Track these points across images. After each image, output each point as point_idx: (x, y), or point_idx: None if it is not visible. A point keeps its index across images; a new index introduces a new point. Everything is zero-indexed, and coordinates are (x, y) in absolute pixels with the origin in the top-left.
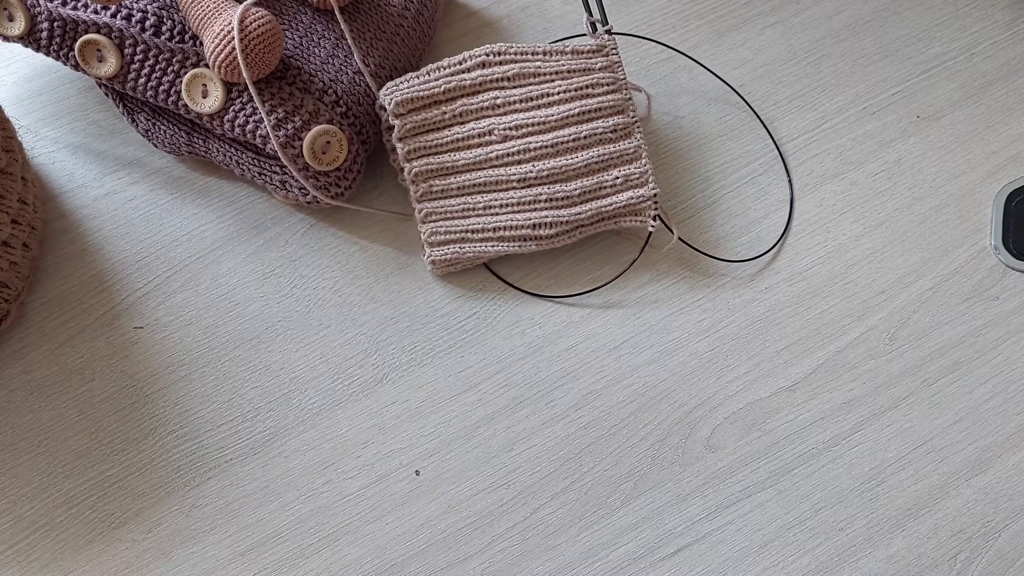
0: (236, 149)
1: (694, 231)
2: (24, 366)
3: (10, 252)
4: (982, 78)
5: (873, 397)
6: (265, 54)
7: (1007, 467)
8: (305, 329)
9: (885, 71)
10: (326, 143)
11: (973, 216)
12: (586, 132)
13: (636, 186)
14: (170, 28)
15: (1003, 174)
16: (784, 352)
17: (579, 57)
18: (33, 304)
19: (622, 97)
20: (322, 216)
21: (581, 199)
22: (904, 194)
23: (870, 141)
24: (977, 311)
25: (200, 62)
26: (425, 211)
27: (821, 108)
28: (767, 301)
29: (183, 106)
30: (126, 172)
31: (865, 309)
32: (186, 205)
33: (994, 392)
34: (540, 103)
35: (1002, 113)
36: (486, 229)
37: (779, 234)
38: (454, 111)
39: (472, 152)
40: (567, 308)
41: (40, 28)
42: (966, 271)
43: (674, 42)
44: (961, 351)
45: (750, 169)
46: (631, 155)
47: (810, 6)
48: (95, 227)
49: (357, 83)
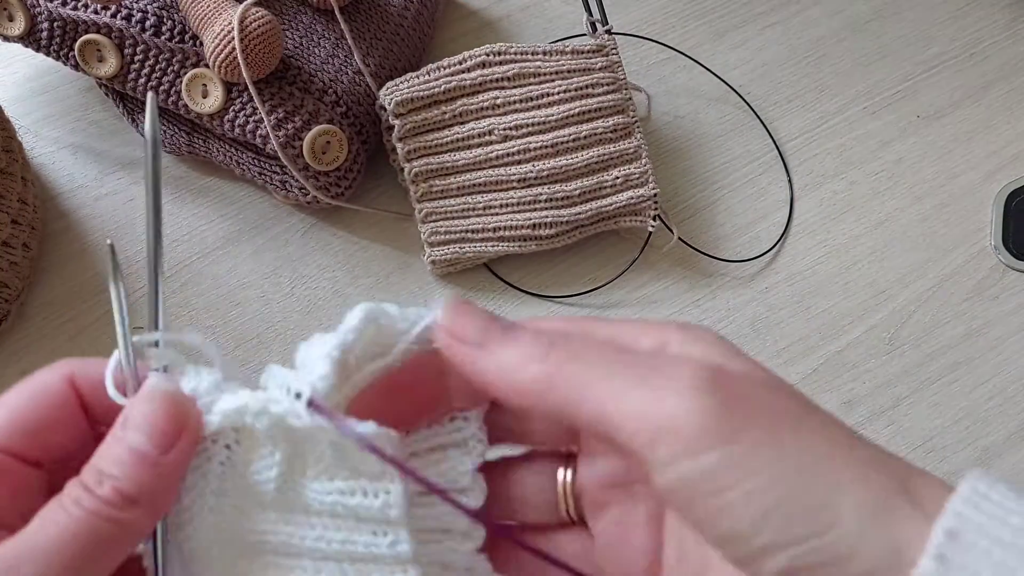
0: (236, 149)
1: (694, 231)
2: (24, 366)
3: (10, 252)
4: (982, 78)
5: (873, 397)
6: (265, 54)
7: (1007, 467)
8: (305, 329)
9: (885, 71)
10: (326, 143)
11: (973, 216)
12: (586, 132)
13: (636, 186)
14: (170, 28)
15: (1003, 174)
16: (784, 352)
17: (579, 57)
18: (33, 304)
19: (622, 97)
20: (322, 216)
21: (581, 199)
22: (904, 194)
23: (870, 141)
24: (977, 311)
25: (200, 62)
26: (425, 211)
27: (821, 108)
28: (767, 301)
29: (183, 106)
30: (126, 172)
31: (865, 309)
32: (186, 205)
33: (994, 392)
34: (540, 103)
35: (1002, 113)
36: (486, 229)
37: (779, 234)
38: (454, 111)
39: (472, 152)
40: (567, 308)
41: (40, 28)
42: (966, 271)
43: (674, 42)
44: (961, 351)
45: (750, 169)
46: (631, 155)
47: (810, 6)
48: (95, 227)
49: (357, 83)
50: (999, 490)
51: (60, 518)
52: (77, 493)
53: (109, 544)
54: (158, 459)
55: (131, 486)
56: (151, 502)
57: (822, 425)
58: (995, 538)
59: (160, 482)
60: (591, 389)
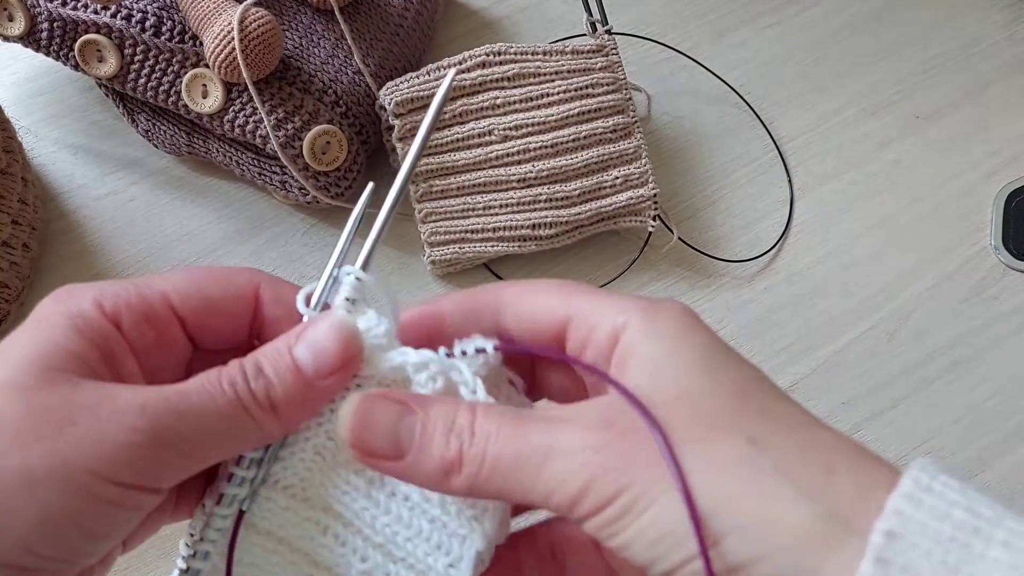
0: (236, 149)
1: (694, 231)
2: None
3: (10, 252)
4: (981, 78)
5: (873, 397)
6: (265, 54)
7: (1007, 467)
8: None
9: (884, 71)
10: (326, 143)
11: (973, 216)
12: (586, 132)
13: (636, 186)
14: (170, 28)
15: (1003, 174)
16: (784, 352)
17: (579, 57)
18: (33, 304)
19: (622, 97)
20: (322, 216)
21: (581, 199)
22: (904, 194)
23: (869, 141)
24: (977, 311)
25: (200, 62)
26: (425, 211)
27: (820, 108)
28: (767, 301)
29: (183, 106)
30: (126, 172)
31: (865, 309)
32: (186, 205)
33: (993, 392)
34: (540, 103)
35: (1001, 113)
36: (486, 229)
37: (779, 234)
38: (454, 111)
39: (472, 152)
40: None
41: (40, 28)
42: (966, 271)
43: (674, 42)
44: (961, 351)
45: (750, 169)
46: (631, 155)
47: (810, 6)
48: (95, 227)
49: (357, 83)
50: (942, 480)
51: (215, 391)
52: (235, 376)
53: (238, 434)
54: (312, 381)
55: (279, 394)
56: (287, 416)
57: (728, 435)
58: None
59: (303, 402)
60: (511, 489)
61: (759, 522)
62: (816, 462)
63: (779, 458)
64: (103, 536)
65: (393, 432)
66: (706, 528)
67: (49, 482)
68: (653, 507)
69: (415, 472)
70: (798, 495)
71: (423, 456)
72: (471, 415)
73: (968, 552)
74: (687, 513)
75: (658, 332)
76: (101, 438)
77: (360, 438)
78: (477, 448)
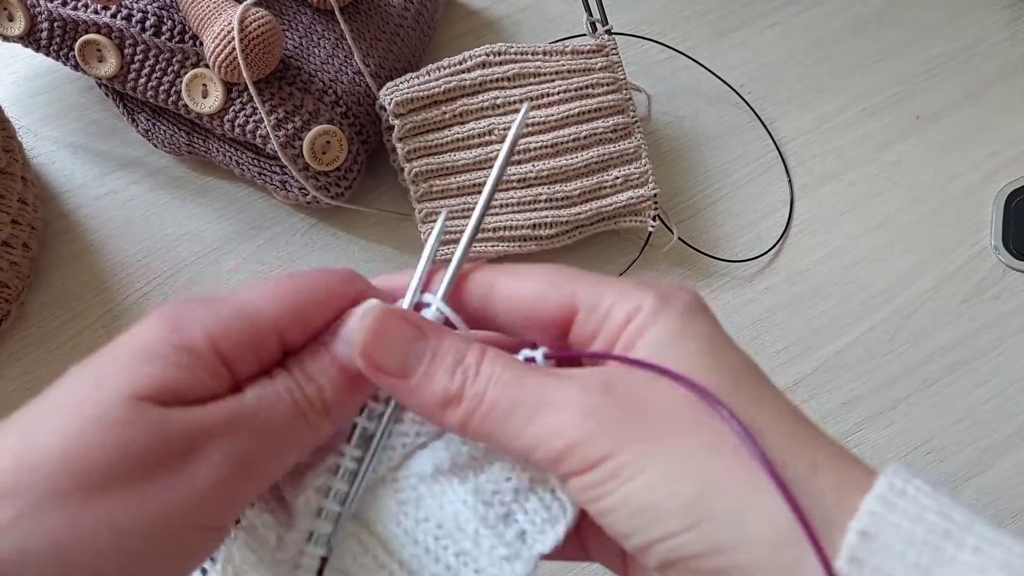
0: (236, 149)
1: (694, 231)
2: (24, 366)
3: (10, 252)
4: (982, 78)
5: (873, 397)
6: (265, 54)
7: (1007, 467)
8: None
9: (885, 72)
10: (326, 143)
11: (973, 216)
12: (586, 132)
13: (636, 186)
14: (170, 28)
15: (1003, 174)
16: (784, 352)
17: (579, 57)
18: (33, 304)
19: (622, 97)
20: (322, 216)
21: (581, 199)
22: (904, 194)
23: (870, 142)
24: (977, 311)
25: (200, 62)
26: (425, 211)
27: (821, 108)
28: (767, 301)
29: (183, 106)
30: (126, 172)
31: (865, 309)
32: (186, 205)
33: (994, 392)
34: (540, 103)
35: (1002, 113)
36: (486, 229)
37: (779, 234)
38: (454, 111)
39: (472, 152)
40: None
41: (40, 28)
42: (966, 271)
43: (674, 42)
44: (961, 351)
45: (750, 169)
46: (631, 155)
47: (810, 7)
48: (95, 227)
49: (357, 83)
50: (915, 484)
51: (281, 404)
52: (291, 386)
53: (299, 443)
54: (356, 376)
55: (329, 395)
56: (337, 415)
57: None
58: (908, 537)
59: (351, 398)
60: (499, 436)
61: (741, 509)
62: (802, 457)
63: (769, 448)
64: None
65: (404, 352)
66: (689, 508)
67: (140, 535)
68: (639, 477)
69: (415, 396)
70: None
71: (426, 382)
72: (480, 355)
73: (940, 555)
74: (791, 514)
75: (667, 316)
76: (193, 485)
77: (371, 349)
78: (478, 387)
